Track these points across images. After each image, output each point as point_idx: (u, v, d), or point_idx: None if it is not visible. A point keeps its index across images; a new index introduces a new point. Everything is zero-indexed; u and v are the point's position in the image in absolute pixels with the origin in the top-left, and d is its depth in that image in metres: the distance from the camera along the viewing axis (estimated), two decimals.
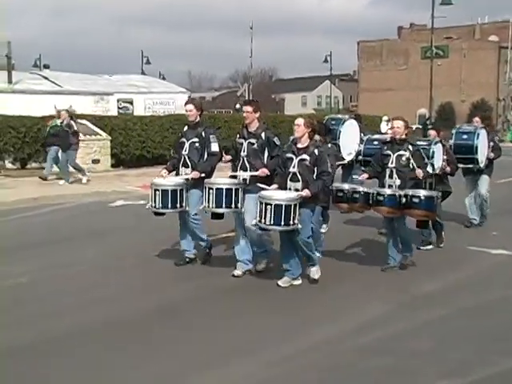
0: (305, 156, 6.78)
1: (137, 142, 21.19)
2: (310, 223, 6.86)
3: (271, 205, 6.47)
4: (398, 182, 7.48)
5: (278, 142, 7.23)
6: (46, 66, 37.65)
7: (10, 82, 25.72)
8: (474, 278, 7.53)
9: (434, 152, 8.40)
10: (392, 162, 7.52)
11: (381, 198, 7.40)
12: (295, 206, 6.51)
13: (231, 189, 7.06)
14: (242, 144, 7.28)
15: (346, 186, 7.85)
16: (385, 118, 27.79)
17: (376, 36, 73.10)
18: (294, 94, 78.28)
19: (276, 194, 6.62)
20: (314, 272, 7.01)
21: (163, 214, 7.57)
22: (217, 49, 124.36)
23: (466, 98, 54.52)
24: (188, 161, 7.58)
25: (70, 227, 10.63)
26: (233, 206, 7.07)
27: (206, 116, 25.54)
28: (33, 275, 7.35)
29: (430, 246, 8.82)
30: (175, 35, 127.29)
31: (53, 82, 28.04)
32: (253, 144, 7.22)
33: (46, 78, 28.96)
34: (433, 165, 8.25)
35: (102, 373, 4.70)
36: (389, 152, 7.59)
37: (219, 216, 7.24)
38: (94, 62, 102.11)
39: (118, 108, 28.47)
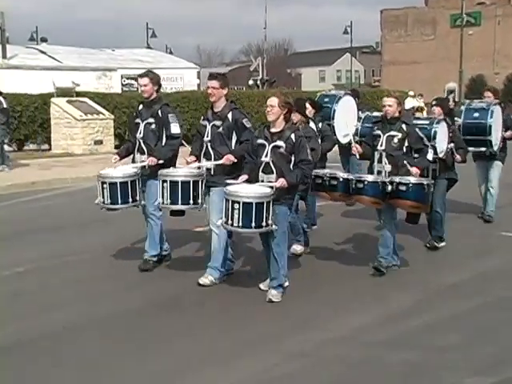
0: (279, 142, 6.06)
1: None
2: (286, 224, 6.20)
3: (239, 203, 5.80)
4: (387, 167, 6.84)
5: (247, 125, 6.58)
6: (44, 40, 37.65)
7: (4, 56, 25.78)
8: (504, 267, 7.43)
9: (435, 132, 7.57)
10: (382, 145, 6.89)
11: (360, 186, 6.80)
12: (268, 203, 5.86)
13: (188, 181, 6.41)
14: (205, 127, 6.66)
15: (324, 172, 7.24)
16: (410, 93, 27.70)
17: (401, 4, 72.33)
18: (312, 68, 77.82)
19: (244, 190, 5.91)
20: (274, 294, 6.11)
21: (117, 209, 7.06)
22: (228, 20, 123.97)
23: (500, 70, 53.78)
24: (143, 145, 6.96)
25: (69, 213, 10.67)
26: (191, 201, 6.45)
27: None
28: (30, 265, 7.38)
29: (443, 243, 8.15)
30: (183, 6, 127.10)
31: (51, 57, 28.09)
32: (218, 127, 6.55)
33: (43, 53, 29.01)
34: (435, 148, 7.52)
35: (100, 371, 4.74)
36: (378, 132, 6.99)
37: (180, 213, 6.72)
38: (95, 36, 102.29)
39: (122, 85, 28.50)
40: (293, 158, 6.07)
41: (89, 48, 32.33)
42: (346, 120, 8.45)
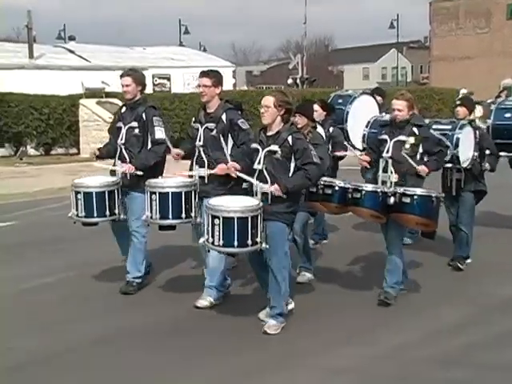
0: (274, 147, 5.61)
1: (175, 124, 21.07)
2: (285, 242, 5.67)
3: (219, 218, 5.40)
4: (394, 177, 6.29)
5: (244, 126, 6.24)
6: (72, 38, 38.21)
7: (30, 56, 26.24)
8: None
9: (458, 140, 6.99)
10: (388, 151, 6.38)
11: (357, 196, 6.27)
12: (255, 218, 5.40)
13: (179, 193, 6.10)
14: (197, 130, 6.34)
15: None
16: (463, 90, 27.36)
17: None
18: (355, 65, 77.51)
19: (226, 202, 5.50)
20: (271, 325, 5.71)
21: (94, 224, 6.65)
22: (265, 16, 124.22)
23: None
24: (125, 152, 6.66)
25: None
26: (183, 215, 6.11)
27: (254, 93, 25.51)
28: (57, 276, 7.48)
29: (469, 260, 7.69)
30: (217, 1, 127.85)
31: (79, 56, 28.53)
32: (211, 130, 6.25)
33: (71, 52, 29.48)
34: (457, 157, 7.01)
35: None
36: (385, 137, 6.47)
37: (170, 227, 6.28)
38: (125, 33, 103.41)
39: (153, 84, 28.76)
40: (292, 165, 5.60)
41: (119, 46, 32.75)
42: (363, 123, 7.75)
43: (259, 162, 5.64)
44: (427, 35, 69.35)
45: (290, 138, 5.59)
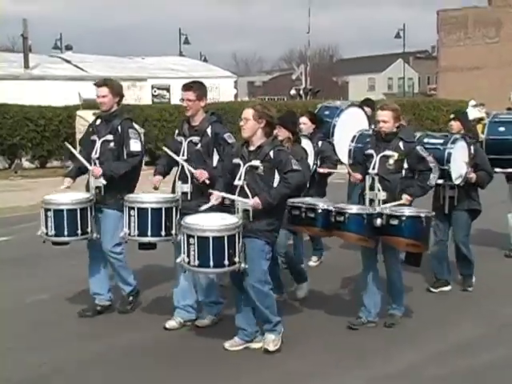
0: (255, 162, 5.56)
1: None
2: (264, 261, 5.58)
3: (193, 237, 5.31)
4: (381, 195, 6.18)
5: (230, 140, 6.18)
6: (69, 48, 38.57)
7: (26, 66, 26.38)
8: None
9: (449, 155, 6.82)
10: (374, 167, 6.26)
11: (341, 219, 6.04)
12: (232, 236, 5.32)
13: (159, 209, 6.00)
14: (181, 144, 6.28)
15: (302, 201, 6.38)
16: (472, 102, 27.38)
17: (459, 3, 72.02)
18: (360, 76, 77.77)
19: (201, 221, 5.41)
20: (269, 341, 5.66)
21: (65, 243, 6.46)
22: (267, 25, 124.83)
23: None
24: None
25: None
26: (163, 232, 6.01)
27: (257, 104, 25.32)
28: (54, 291, 7.50)
29: (448, 288, 7.47)
30: (217, 10, 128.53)
31: (76, 66, 28.70)
32: (195, 144, 6.18)
33: (68, 62, 29.67)
34: (449, 173, 6.86)
35: None
36: (371, 152, 6.35)
37: (150, 246, 6.15)
38: (123, 43, 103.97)
39: (153, 96, 28.91)
40: (276, 180, 5.53)
41: (117, 56, 32.92)
42: (350, 137, 7.52)
43: (240, 178, 5.58)
44: (435, 45, 69.74)
45: (271, 153, 5.54)
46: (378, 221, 6.00)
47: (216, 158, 6.21)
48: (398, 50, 62.23)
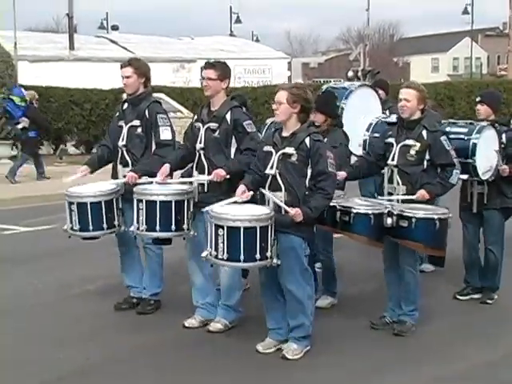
0: (289, 149, 5.39)
1: None
2: (303, 261, 5.43)
3: (223, 227, 5.18)
4: (401, 188, 5.99)
5: (249, 129, 5.94)
6: (115, 28, 38.98)
7: (71, 47, 26.79)
8: None
9: (474, 146, 6.34)
10: (393, 158, 6.05)
11: (346, 219, 5.77)
12: (265, 228, 5.17)
13: (169, 202, 5.81)
14: (199, 130, 6.08)
15: None
16: None
17: None
18: (423, 56, 76.68)
19: (232, 210, 5.27)
20: (291, 349, 5.52)
21: (94, 238, 6.39)
22: (323, 1, 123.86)
23: None
24: (127, 155, 6.42)
25: None
26: (173, 227, 5.83)
27: (312, 87, 25.17)
28: (104, 281, 7.65)
29: (478, 295, 7.04)
30: None
31: (123, 48, 29.07)
32: (213, 131, 5.98)
33: (114, 43, 30.07)
34: (474, 168, 6.38)
35: None
36: (391, 140, 6.10)
37: (164, 241, 6.06)
38: (172, 22, 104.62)
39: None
40: (309, 172, 5.38)
41: (165, 36, 33.18)
42: (364, 122, 7.16)
43: (272, 167, 5.41)
44: (506, 21, 68.17)
45: (307, 140, 5.37)
46: (389, 220, 5.74)
47: (234, 147, 6.00)
48: (465, 28, 61.04)
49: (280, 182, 5.37)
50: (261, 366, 5.48)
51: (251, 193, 5.47)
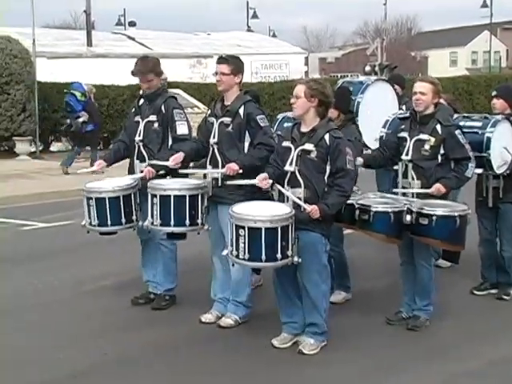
0: (308, 146, 5.38)
1: None
2: (322, 257, 5.48)
3: (244, 228, 5.16)
4: (416, 183, 5.99)
5: (262, 123, 5.96)
6: (132, 24, 39.00)
7: (89, 44, 26.89)
8: None
9: (489, 140, 6.31)
10: (407, 153, 6.05)
11: (365, 217, 5.79)
12: (286, 227, 5.16)
13: (183, 196, 5.84)
14: (212, 125, 6.13)
15: None
16: None
17: None
18: (441, 50, 76.21)
19: (253, 210, 5.24)
20: (308, 344, 5.56)
21: (112, 233, 6.44)
22: None
23: None
24: (144, 151, 6.48)
25: None
26: (187, 222, 5.87)
27: (330, 82, 25.01)
28: (118, 277, 7.70)
29: (495, 290, 7.00)
30: None
31: (140, 44, 29.15)
32: (226, 125, 6.00)
33: (131, 39, 30.16)
34: (489, 161, 6.35)
35: None
36: (405, 135, 6.11)
37: (179, 236, 6.11)
38: (188, 18, 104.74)
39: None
40: (328, 168, 5.38)
41: (182, 32, 33.23)
42: (379, 116, 7.12)
43: (291, 163, 5.40)
44: None
45: (327, 137, 5.37)
46: (408, 217, 5.76)
47: (248, 142, 6.02)
48: (483, 21, 60.59)
49: (299, 178, 5.37)
50: (272, 362, 5.51)
51: (271, 181, 5.47)
